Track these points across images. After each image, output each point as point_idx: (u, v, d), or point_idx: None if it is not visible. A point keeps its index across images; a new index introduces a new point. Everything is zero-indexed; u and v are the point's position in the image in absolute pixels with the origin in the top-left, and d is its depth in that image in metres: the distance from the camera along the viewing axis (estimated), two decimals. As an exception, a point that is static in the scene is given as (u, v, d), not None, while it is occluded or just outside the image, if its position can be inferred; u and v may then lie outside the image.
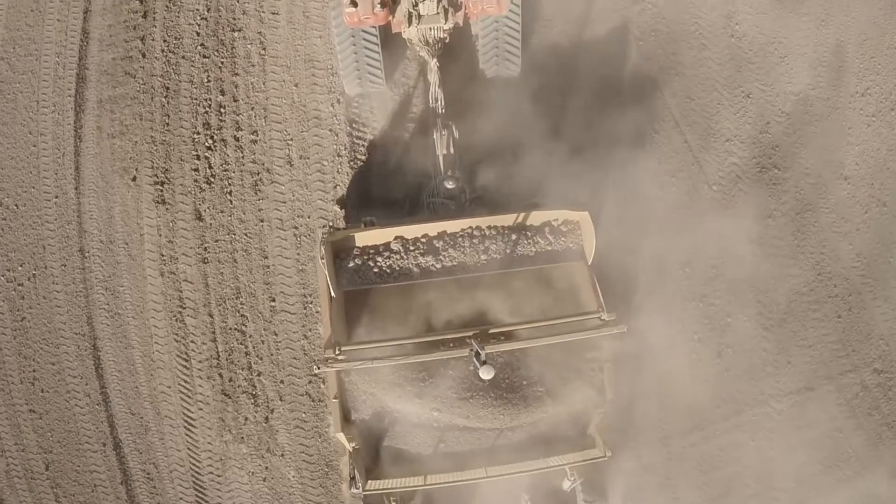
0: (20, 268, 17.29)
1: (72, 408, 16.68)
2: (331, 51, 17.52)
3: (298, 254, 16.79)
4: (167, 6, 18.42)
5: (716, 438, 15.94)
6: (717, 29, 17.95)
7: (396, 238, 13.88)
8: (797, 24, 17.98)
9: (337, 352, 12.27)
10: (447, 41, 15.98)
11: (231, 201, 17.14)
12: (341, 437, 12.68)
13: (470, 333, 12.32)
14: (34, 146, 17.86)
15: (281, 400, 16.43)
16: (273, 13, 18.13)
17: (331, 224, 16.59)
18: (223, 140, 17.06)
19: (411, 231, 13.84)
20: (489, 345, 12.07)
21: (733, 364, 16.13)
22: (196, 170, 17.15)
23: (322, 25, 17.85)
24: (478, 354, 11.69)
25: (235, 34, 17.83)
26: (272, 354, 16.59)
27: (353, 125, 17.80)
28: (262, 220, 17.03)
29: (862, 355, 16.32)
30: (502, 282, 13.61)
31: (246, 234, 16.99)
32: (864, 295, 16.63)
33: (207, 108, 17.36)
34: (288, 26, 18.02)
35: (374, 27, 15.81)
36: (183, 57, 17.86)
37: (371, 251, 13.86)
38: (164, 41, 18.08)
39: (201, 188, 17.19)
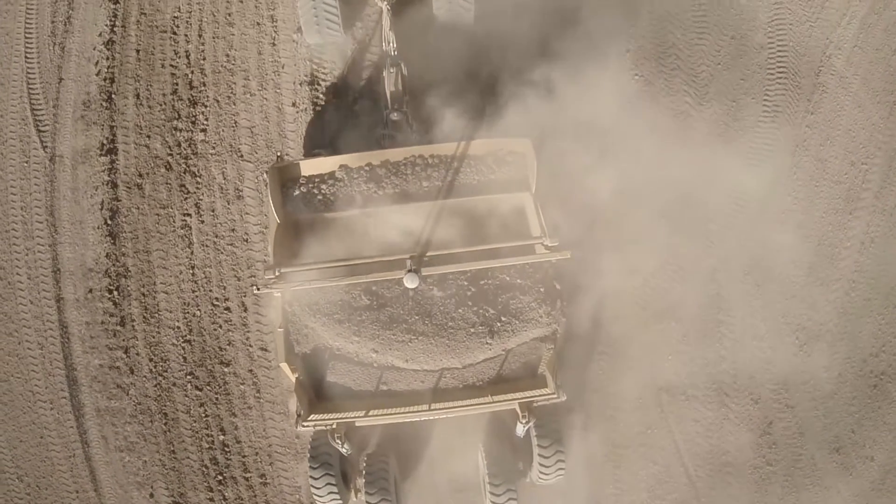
0: (60, 540, 17.00)
1: None
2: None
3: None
4: (144, 317, 17.04)
5: None
6: (740, 332, 17.03)
7: (341, 167, 13.84)
8: (826, 297, 17.20)
9: (276, 273, 12.39)
10: None
11: (255, 538, 16.80)
12: (285, 366, 12.63)
13: (407, 256, 12.28)
14: (41, 438, 17.15)
15: None
16: (262, 349, 16.82)
17: (279, 154, 16.75)
18: (233, 478, 16.98)
19: (355, 160, 13.84)
20: (426, 266, 12.20)
21: None
22: (212, 500, 17.13)
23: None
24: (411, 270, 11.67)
25: (226, 369, 16.79)
26: None
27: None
28: (287, 555, 16.86)
29: None
30: (446, 210, 13.63)
31: (279, 569, 16.85)
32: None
33: (211, 444, 16.90)
34: (281, 370, 16.87)
35: None
36: (174, 384, 16.98)
37: (316, 179, 13.83)
38: (150, 360, 16.98)
39: (222, 522, 16.92)
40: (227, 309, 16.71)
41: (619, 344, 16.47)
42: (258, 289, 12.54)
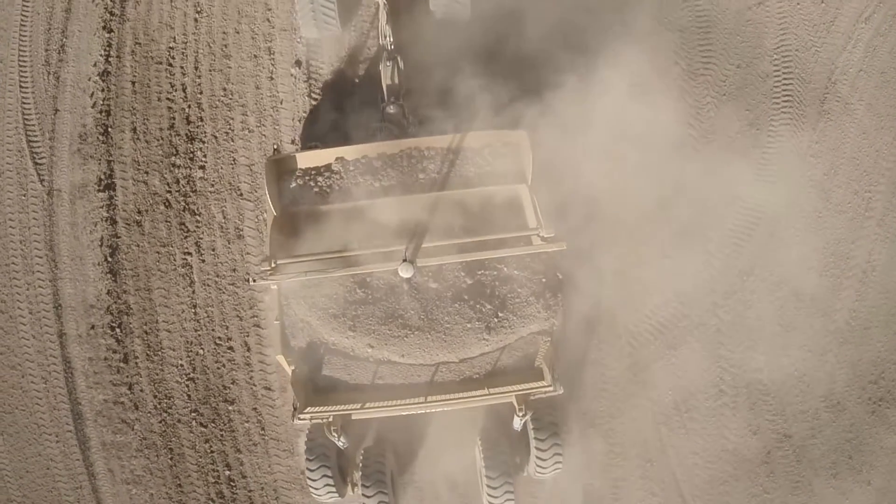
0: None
1: None
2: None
3: None
4: (147, 354, 17.04)
5: None
6: (740, 365, 17.04)
7: (337, 159, 13.91)
8: (826, 327, 17.11)
9: (273, 265, 12.62)
10: None
11: (259, 562, 16.92)
12: (281, 358, 12.69)
13: (402, 247, 12.43)
14: (47, 469, 17.21)
15: None
16: (266, 388, 16.79)
17: (276, 146, 17.08)
18: (241, 510, 17.30)
19: (351, 152, 13.90)
20: (421, 258, 12.32)
21: None
22: (221, 533, 17.34)
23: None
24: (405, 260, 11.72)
25: (230, 407, 16.82)
26: None
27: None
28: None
29: None
30: (442, 202, 13.59)
31: None
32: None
33: (217, 479, 16.97)
34: (285, 407, 16.68)
35: None
36: (179, 420, 17.03)
37: (313, 172, 13.91)
38: (155, 396, 17.01)
39: (231, 553, 16.90)
40: (231, 348, 16.64)
41: (618, 380, 16.53)
42: (253, 280, 12.60)
